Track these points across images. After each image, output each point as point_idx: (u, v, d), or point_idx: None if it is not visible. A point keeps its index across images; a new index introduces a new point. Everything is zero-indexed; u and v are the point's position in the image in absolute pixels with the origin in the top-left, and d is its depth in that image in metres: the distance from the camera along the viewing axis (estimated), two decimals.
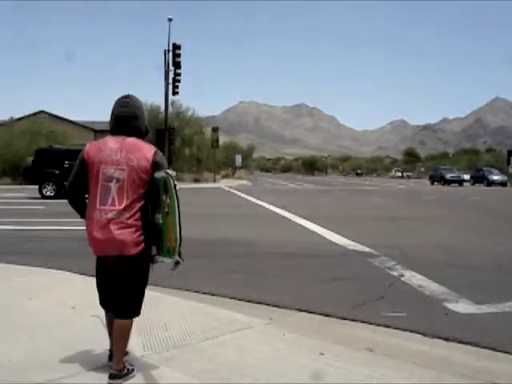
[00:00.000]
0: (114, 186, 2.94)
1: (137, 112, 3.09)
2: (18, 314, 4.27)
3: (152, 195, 3.04)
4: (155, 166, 2.97)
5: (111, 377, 2.96)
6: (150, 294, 4.99)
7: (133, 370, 3.07)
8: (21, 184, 26.01)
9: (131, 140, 3.02)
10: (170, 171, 2.95)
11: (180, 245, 3.12)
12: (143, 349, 3.48)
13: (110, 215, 2.91)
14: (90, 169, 2.99)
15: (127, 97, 3.12)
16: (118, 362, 3.00)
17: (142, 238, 2.97)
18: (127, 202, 2.92)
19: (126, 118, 3.05)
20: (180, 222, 3.06)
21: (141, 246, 2.97)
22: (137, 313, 3.08)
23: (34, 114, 45.44)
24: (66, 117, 52.75)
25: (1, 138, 34.47)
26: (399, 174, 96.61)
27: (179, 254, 3.13)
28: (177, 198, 2.99)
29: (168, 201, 3.01)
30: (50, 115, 46.37)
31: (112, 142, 3.02)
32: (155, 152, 3.01)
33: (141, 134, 3.11)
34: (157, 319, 4.15)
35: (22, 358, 3.28)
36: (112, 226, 2.89)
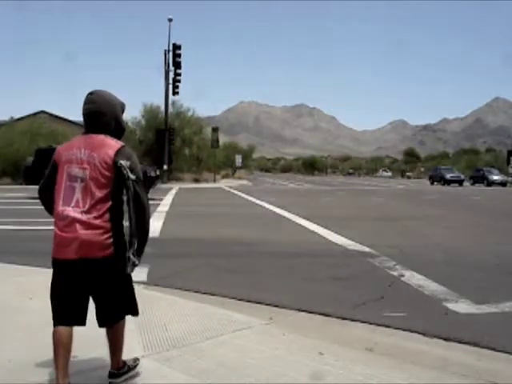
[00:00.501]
0: (78, 185, 2.77)
1: (104, 108, 2.88)
2: (18, 314, 4.27)
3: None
4: (116, 163, 2.75)
5: (110, 376, 2.97)
6: (150, 294, 5.01)
7: (134, 367, 3.07)
8: (21, 184, 26.00)
9: (97, 137, 2.84)
10: (123, 161, 2.77)
11: (136, 244, 2.83)
12: (143, 349, 3.48)
13: (74, 215, 2.72)
14: (59, 169, 2.87)
15: (91, 93, 2.94)
16: (117, 362, 3.00)
17: (111, 241, 2.74)
18: (91, 202, 2.73)
19: (92, 115, 2.88)
20: (138, 219, 2.83)
21: (110, 250, 2.73)
22: (132, 312, 2.99)
23: (34, 114, 45.46)
24: (66, 117, 52.75)
25: (1, 138, 34.48)
26: (386, 173, 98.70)
27: (134, 255, 2.81)
28: (134, 191, 2.79)
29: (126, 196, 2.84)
30: (50, 115, 46.40)
31: (78, 141, 2.88)
32: (119, 148, 2.81)
33: (111, 131, 2.91)
34: (157, 319, 4.15)
35: (21, 357, 3.28)
36: (77, 226, 2.70)
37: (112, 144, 2.83)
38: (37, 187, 3.32)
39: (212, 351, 3.46)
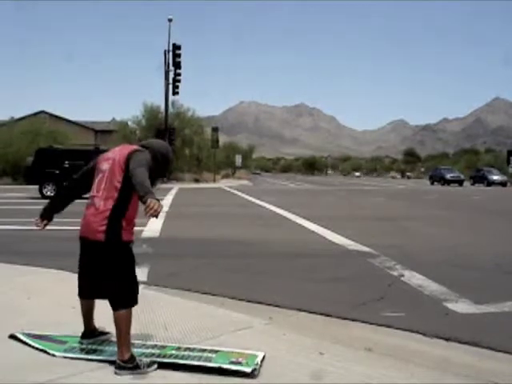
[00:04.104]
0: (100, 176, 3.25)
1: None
2: (17, 314, 4.27)
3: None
4: (128, 159, 3.15)
5: (116, 367, 3.04)
6: (151, 294, 5.01)
7: (144, 367, 3.05)
8: (21, 184, 26.00)
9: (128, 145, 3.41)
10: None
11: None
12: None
13: (93, 201, 3.20)
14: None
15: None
16: (121, 353, 3.05)
17: (105, 227, 3.10)
18: (104, 192, 3.17)
19: None
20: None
21: (104, 234, 3.10)
22: (126, 303, 3.13)
23: (35, 114, 45.51)
24: (67, 117, 52.77)
25: (1, 138, 34.49)
26: (356, 174, 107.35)
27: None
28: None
29: None
30: (51, 115, 46.45)
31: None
32: (134, 150, 3.25)
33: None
34: (157, 319, 4.15)
35: (21, 357, 3.27)
36: (90, 211, 3.20)
37: (132, 148, 3.32)
38: (37, 187, 3.59)
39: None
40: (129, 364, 3.03)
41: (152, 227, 9.95)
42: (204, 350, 3.34)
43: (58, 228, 10.32)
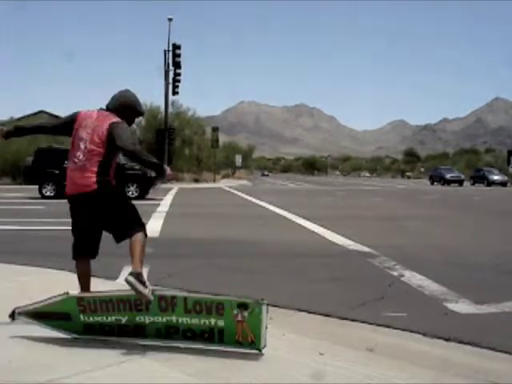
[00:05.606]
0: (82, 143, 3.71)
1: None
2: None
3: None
4: (109, 134, 3.63)
5: (131, 274, 3.39)
6: None
7: (150, 289, 3.45)
8: (21, 184, 26.01)
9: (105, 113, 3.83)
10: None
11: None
12: (143, 348, 3.48)
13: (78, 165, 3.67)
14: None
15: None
16: (136, 265, 3.46)
17: (95, 179, 3.61)
18: (87, 157, 3.64)
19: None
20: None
21: (96, 184, 3.60)
22: (139, 228, 3.65)
23: (34, 114, 45.50)
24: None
25: None
26: (337, 173, 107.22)
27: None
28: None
29: None
30: (50, 115, 46.35)
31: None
32: (111, 123, 3.68)
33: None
34: None
35: (21, 358, 3.27)
36: (77, 173, 3.66)
37: (111, 118, 3.75)
38: (37, 187, 3.82)
39: (212, 351, 3.46)
40: (140, 276, 3.40)
41: (152, 227, 9.95)
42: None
43: (57, 228, 10.34)
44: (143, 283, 3.39)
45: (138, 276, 3.39)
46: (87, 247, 3.81)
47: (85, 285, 3.87)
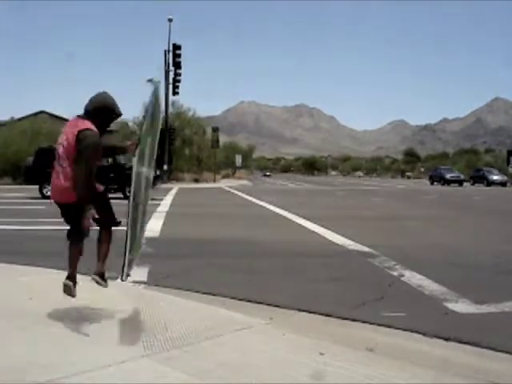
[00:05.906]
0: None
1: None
2: (18, 314, 4.26)
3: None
4: (77, 141, 3.91)
5: (96, 273, 4.01)
6: (151, 294, 5.02)
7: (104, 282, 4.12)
8: (21, 184, 26.00)
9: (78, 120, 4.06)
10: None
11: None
12: (143, 349, 3.48)
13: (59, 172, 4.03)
14: None
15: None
16: (102, 267, 4.07)
17: (69, 185, 3.95)
18: (65, 165, 3.96)
19: None
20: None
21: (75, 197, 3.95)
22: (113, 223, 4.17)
23: (35, 114, 45.43)
24: (67, 117, 52.68)
25: (1, 138, 34.49)
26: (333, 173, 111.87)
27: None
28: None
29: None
30: (51, 115, 46.32)
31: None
32: (79, 131, 3.91)
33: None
34: (157, 319, 4.15)
35: (21, 357, 3.27)
36: (58, 181, 4.03)
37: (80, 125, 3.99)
38: (37, 187, 3.94)
39: (212, 351, 3.46)
40: (103, 276, 4.06)
41: (152, 227, 9.95)
42: None
43: (57, 228, 10.33)
44: (105, 280, 4.13)
45: (102, 276, 4.11)
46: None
47: (73, 264, 4.20)
